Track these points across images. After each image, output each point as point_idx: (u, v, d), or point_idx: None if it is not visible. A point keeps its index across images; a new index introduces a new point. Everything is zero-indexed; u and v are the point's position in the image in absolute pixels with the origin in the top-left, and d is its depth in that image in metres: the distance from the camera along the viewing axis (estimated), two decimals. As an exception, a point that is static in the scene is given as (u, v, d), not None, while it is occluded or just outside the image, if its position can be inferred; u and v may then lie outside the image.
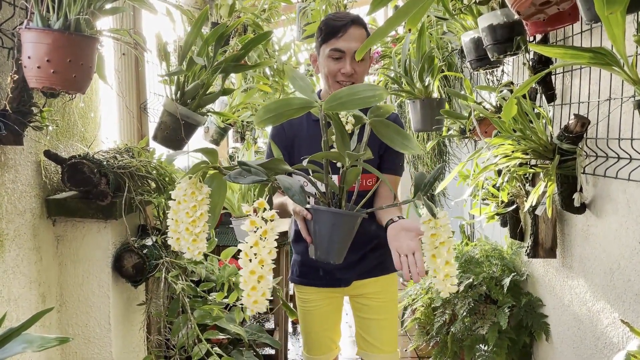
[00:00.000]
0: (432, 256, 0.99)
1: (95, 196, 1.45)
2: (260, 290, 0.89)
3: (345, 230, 1.06)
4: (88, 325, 1.56)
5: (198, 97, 1.96)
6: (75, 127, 1.66)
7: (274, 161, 1.03)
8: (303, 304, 1.69)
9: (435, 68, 2.68)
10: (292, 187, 0.96)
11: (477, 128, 1.99)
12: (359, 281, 1.65)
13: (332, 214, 1.05)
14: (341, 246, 1.07)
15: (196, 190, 0.96)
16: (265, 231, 0.89)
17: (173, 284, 1.54)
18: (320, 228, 1.07)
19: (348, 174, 1.07)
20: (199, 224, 0.95)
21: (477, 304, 2.13)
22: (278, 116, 0.99)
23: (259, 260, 0.87)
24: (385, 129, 1.19)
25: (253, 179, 0.96)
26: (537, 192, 1.56)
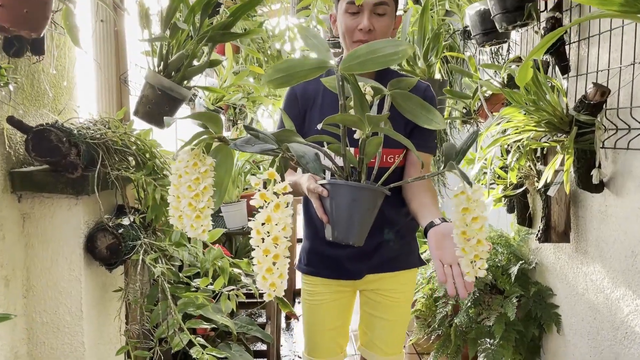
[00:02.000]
0: (461, 233, 0.87)
1: (64, 168, 1.31)
2: (276, 272, 0.78)
3: (366, 207, 0.95)
4: (57, 312, 1.43)
5: (183, 68, 1.83)
6: (46, 96, 1.53)
7: (285, 132, 0.91)
8: (308, 296, 1.53)
9: (440, 47, 2.56)
10: (305, 154, 0.84)
11: (484, 105, 1.87)
12: (373, 275, 1.47)
13: (351, 188, 0.95)
14: (362, 225, 0.96)
15: (199, 162, 0.86)
16: (278, 205, 0.78)
17: (152, 268, 1.41)
18: (339, 205, 0.96)
19: (368, 144, 0.95)
20: (203, 198, 0.84)
21: (482, 294, 2.01)
22: (289, 77, 0.88)
23: (273, 238, 0.78)
24: (407, 102, 1.04)
25: (262, 148, 0.84)
26: (552, 167, 1.44)
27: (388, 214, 1.40)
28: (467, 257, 0.86)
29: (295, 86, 1.46)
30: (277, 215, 0.78)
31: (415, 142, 1.36)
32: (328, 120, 0.89)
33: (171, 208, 0.88)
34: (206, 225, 0.85)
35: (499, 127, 1.49)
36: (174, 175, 0.87)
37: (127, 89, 1.85)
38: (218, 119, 0.90)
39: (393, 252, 1.47)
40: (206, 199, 0.84)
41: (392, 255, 1.47)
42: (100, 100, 1.79)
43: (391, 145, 1.31)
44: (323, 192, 1.01)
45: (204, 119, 0.90)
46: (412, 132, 1.38)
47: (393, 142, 1.29)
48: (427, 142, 1.39)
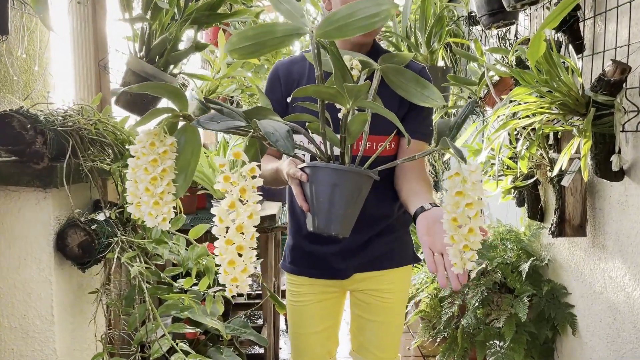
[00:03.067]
0: (452, 219, 0.76)
1: (29, 157, 1.20)
2: (240, 264, 0.69)
3: (349, 192, 0.86)
4: (26, 316, 1.32)
5: (166, 53, 1.72)
6: (14, 82, 1.41)
7: (258, 109, 0.80)
8: (292, 297, 1.42)
9: (444, 32, 2.44)
10: (276, 131, 0.74)
11: (492, 89, 1.74)
12: (361, 274, 1.36)
13: (332, 171, 0.86)
14: (345, 213, 0.87)
15: (157, 141, 0.75)
16: (244, 189, 0.69)
17: (129, 267, 1.30)
18: (318, 190, 0.87)
19: (352, 122, 0.85)
20: (162, 182, 0.75)
21: (490, 293, 1.89)
22: (257, 46, 0.78)
23: (237, 226, 0.68)
24: (399, 78, 0.97)
25: (228, 125, 0.74)
26: (568, 153, 1.31)
27: (377, 207, 1.29)
28: (456, 247, 0.76)
29: (278, 66, 1.34)
30: (243, 204, 0.68)
31: (409, 127, 1.22)
32: (298, 92, 0.79)
33: (129, 194, 0.77)
34: (167, 212, 0.74)
35: (507, 112, 1.36)
36: (132, 158, 0.77)
37: (106, 76, 1.73)
38: (181, 94, 0.78)
39: (383, 248, 1.35)
40: (165, 183, 0.74)
41: (381, 252, 1.35)
42: (78, 88, 1.68)
43: (380, 131, 1.19)
44: (302, 176, 0.91)
45: (164, 92, 0.79)
46: (406, 117, 1.26)
47: (383, 128, 1.18)
48: (421, 127, 1.26)
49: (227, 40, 0.82)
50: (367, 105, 0.87)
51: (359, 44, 1.24)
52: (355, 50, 1.23)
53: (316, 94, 0.83)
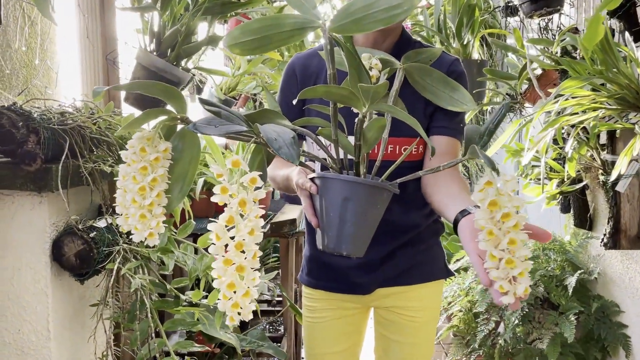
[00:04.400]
0: (488, 233, 0.64)
1: (20, 158, 1.10)
2: (241, 288, 0.60)
3: (363, 207, 0.76)
4: (21, 331, 1.22)
5: (177, 45, 1.61)
6: (12, 76, 1.32)
7: (264, 112, 0.72)
8: (309, 313, 1.30)
9: (476, 22, 2.27)
10: (279, 136, 0.64)
11: (535, 83, 1.58)
12: (384, 289, 1.22)
13: (342, 182, 0.77)
14: (358, 232, 0.77)
15: (148, 147, 0.67)
16: (244, 201, 0.60)
17: (130, 279, 1.19)
18: (328, 204, 0.78)
19: (368, 127, 0.76)
20: (151, 193, 0.67)
21: (531, 309, 1.72)
22: (262, 40, 0.70)
23: (237, 244, 0.60)
24: (425, 78, 0.90)
25: (227, 129, 0.65)
26: (628, 154, 1.15)
27: (403, 216, 1.16)
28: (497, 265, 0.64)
29: (294, 60, 1.22)
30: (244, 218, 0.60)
31: (439, 125, 1.10)
32: (306, 93, 0.69)
33: (117, 204, 0.69)
34: (155, 227, 0.66)
35: (556, 107, 1.20)
36: (124, 164, 0.68)
37: (115, 71, 1.64)
38: (178, 94, 0.69)
39: (410, 261, 1.21)
40: (155, 194, 0.66)
41: (408, 265, 1.21)
42: (84, 84, 1.59)
43: (405, 132, 1.06)
44: (311, 187, 0.82)
45: (158, 92, 0.68)
46: (435, 113, 1.11)
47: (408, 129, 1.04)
48: (452, 123, 1.11)
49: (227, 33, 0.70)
50: (385, 109, 0.77)
51: (385, 33, 1.10)
52: (380, 40, 1.09)
53: (327, 95, 0.74)
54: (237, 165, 0.60)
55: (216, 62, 3.14)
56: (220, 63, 3.21)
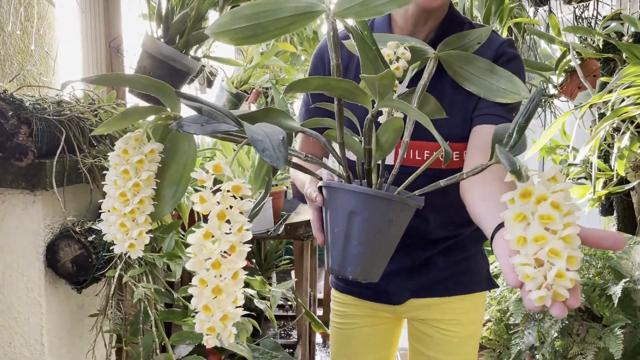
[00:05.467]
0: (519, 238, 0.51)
1: (10, 152, 0.98)
2: (217, 311, 0.52)
3: (372, 224, 0.65)
4: (12, 344, 1.11)
5: (186, 31, 1.49)
6: (6, 62, 1.21)
7: (269, 111, 0.63)
8: (337, 319, 1.19)
9: (505, 10, 2.13)
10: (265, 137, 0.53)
11: (580, 72, 1.44)
12: (419, 300, 1.10)
13: (348, 193, 0.66)
14: (367, 251, 0.66)
15: (130, 149, 0.60)
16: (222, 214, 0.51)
17: (133, 287, 1.07)
18: (333, 218, 0.68)
19: (382, 130, 0.67)
20: (133, 199, 0.59)
21: (571, 320, 1.58)
22: (255, 29, 0.59)
23: (213, 263, 0.52)
24: (466, 68, 0.80)
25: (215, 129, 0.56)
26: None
27: (440, 226, 1.04)
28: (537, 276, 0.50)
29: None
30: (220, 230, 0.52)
31: (485, 112, 0.91)
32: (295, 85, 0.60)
33: (103, 210, 0.60)
34: (137, 237, 0.58)
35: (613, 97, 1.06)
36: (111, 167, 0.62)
37: (119, 59, 1.52)
38: (169, 90, 0.60)
39: (448, 270, 1.08)
40: (137, 200, 0.58)
41: (446, 275, 1.08)
42: (87, 72, 1.48)
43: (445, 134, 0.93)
44: (317, 198, 0.73)
45: (145, 87, 0.58)
46: (480, 100, 0.92)
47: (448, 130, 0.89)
48: (503, 110, 0.91)
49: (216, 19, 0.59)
50: (394, 106, 0.66)
51: (425, 13, 0.94)
52: (421, 22, 0.94)
53: (325, 89, 0.62)
54: (217, 170, 0.52)
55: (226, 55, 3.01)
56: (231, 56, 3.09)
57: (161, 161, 0.60)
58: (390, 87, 0.60)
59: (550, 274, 0.48)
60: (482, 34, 0.87)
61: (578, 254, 0.48)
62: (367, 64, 0.66)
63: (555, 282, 0.48)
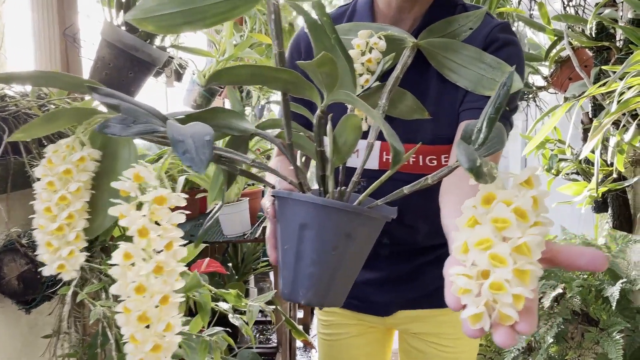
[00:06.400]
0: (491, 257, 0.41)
1: (-61, 155, 0.85)
2: (146, 341, 0.44)
3: (327, 239, 0.55)
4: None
5: (150, 17, 1.34)
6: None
7: (216, 112, 0.55)
8: (324, 329, 1.10)
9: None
10: (188, 138, 0.44)
11: (575, 61, 1.36)
12: (408, 312, 1.02)
13: (297, 203, 0.57)
14: (321, 272, 0.57)
15: (53, 158, 0.51)
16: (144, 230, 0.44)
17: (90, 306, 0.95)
18: (283, 233, 0.59)
19: (339, 130, 0.57)
20: (61, 215, 0.51)
21: (566, 324, 1.51)
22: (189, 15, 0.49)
23: (137, 287, 0.43)
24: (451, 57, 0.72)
25: (141, 130, 0.47)
26: None
27: (430, 235, 0.95)
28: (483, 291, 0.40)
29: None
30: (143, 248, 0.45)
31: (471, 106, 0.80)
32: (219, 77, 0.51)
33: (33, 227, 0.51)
34: (69, 257, 0.50)
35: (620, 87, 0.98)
36: None
37: (76, 49, 1.38)
38: None
39: (439, 280, 0.97)
40: (65, 216, 0.49)
41: (437, 285, 0.97)
42: (39, 64, 1.34)
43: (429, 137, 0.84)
44: (268, 211, 0.65)
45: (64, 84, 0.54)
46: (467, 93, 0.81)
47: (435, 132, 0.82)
48: None
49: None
50: (342, 99, 0.54)
51: None
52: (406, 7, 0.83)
53: (258, 80, 0.53)
54: (139, 180, 0.44)
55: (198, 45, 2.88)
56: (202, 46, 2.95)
57: (100, 169, 0.50)
58: (334, 76, 0.51)
59: (485, 285, 0.38)
60: (474, 18, 0.77)
61: (533, 269, 0.39)
62: (319, 44, 0.57)
63: (496, 299, 0.38)
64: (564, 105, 1.07)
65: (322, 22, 0.56)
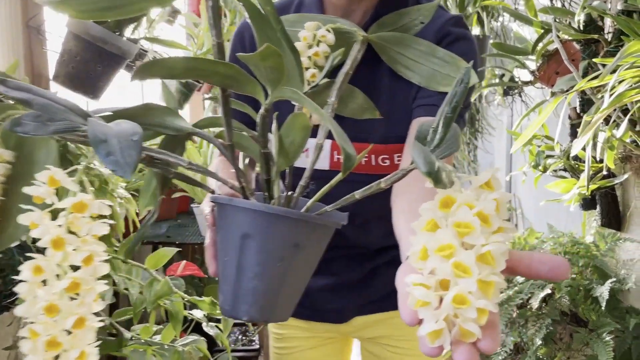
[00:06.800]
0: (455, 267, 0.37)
1: None
2: None
3: (274, 250, 0.51)
4: None
5: (119, 7, 1.27)
6: None
7: (149, 108, 0.50)
8: (276, 342, 1.03)
9: (481, -10, 2.01)
10: (112, 139, 0.40)
11: (564, 54, 1.33)
12: (365, 317, 0.97)
13: (238, 211, 0.51)
14: (267, 286, 0.52)
15: None
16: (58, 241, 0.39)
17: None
18: (222, 243, 0.53)
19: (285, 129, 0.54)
20: None
21: (555, 325, 1.47)
22: None
23: (47, 307, 0.39)
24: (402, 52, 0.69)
25: (57, 128, 0.41)
26: None
27: (385, 237, 0.88)
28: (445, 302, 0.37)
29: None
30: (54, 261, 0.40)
31: (424, 103, 0.75)
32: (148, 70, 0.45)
33: None
34: None
35: (612, 80, 0.94)
36: None
37: (40, 41, 1.31)
38: None
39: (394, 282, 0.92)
40: None
41: (393, 287, 0.92)
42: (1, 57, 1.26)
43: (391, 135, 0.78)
44: (207, 218, 0.59)
45: None
46: (420, 89, 0.77)
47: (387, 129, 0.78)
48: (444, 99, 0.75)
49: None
50: (287, 96, 0.49)
51: None
52: None
53: (193, 73, 0.48)
54: (54, 184, 0.40)
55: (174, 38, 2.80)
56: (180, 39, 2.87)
57: (13, 173, 0.45)
58: (280, 71, 0.46)
59: (447, 297, 0.34)
60: (425, 11, 0.72)
61: (497, 280, 0.35)
62: (260, 32, 0.51)
63: (458, 313, 0.34)
64: (553, 100, 1.03)
65: (266, 12, 0.50)
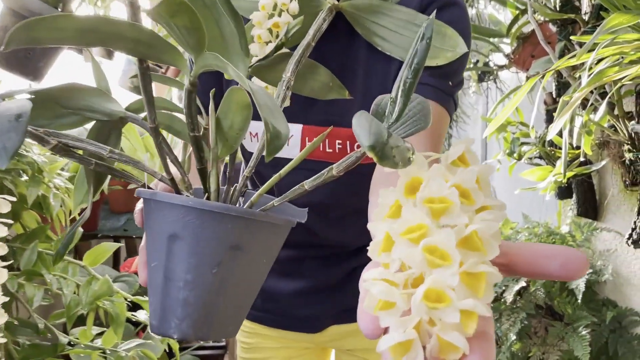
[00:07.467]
0: None
1: None
2: None
3: (208, 253, 0.41)
4: None
5: (58, -22, 1.20)
6: None
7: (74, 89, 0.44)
8: (244, 352, 0.94)
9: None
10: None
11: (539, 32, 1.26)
12: (341, 326, 0.88)
13: (165, 207, 0.42)
14: (200, 297, 0.42)
15: None
16: None
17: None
18: (149, 246, 0.45)
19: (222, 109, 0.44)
20: None
21: (530, 319, 1.42)
22: None
23: None
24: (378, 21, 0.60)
25: None
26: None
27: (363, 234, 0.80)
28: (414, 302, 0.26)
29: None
30: None
31: None
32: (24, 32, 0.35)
33: None
34: None
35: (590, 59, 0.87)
36: None
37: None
38: None
39: None
40: None
41: None
42: None
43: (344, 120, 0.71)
44: (135, 215, 0.52)
45: None
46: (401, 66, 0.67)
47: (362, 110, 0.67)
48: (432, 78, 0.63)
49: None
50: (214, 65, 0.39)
51: None
52: None
53: (90, 38, 0.39)
54: None
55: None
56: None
57: None
58: (200, 34, 0.37)
59: (417, 294, 0.25)
60: None
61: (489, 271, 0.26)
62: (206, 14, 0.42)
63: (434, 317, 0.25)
64: (528, 82, 0.96)
65: None
